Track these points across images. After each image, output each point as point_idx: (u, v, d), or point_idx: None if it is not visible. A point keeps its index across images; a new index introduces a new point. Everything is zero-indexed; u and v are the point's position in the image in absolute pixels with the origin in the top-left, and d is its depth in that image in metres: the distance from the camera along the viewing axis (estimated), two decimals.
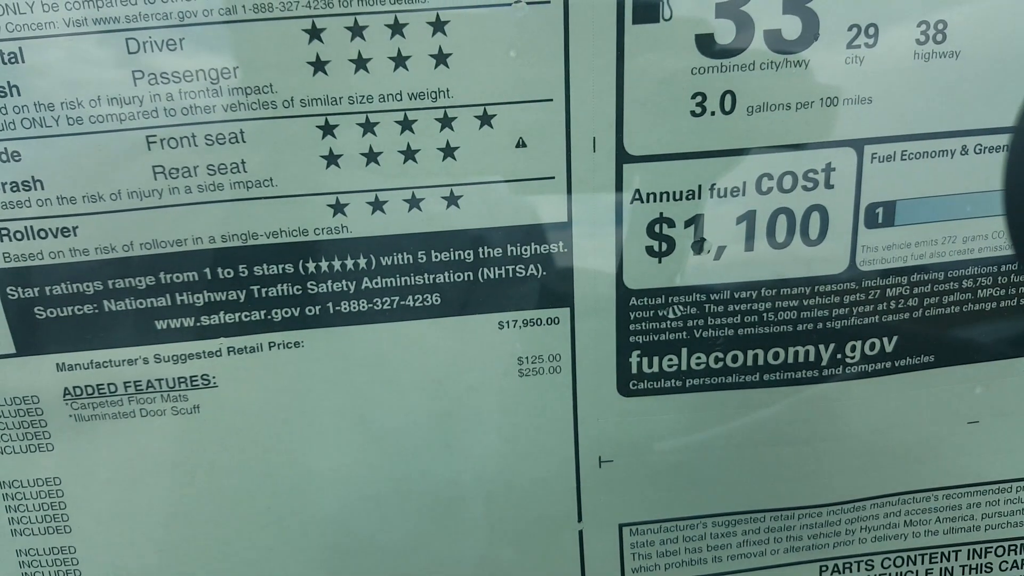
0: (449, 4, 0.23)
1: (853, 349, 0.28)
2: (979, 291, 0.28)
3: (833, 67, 0.25)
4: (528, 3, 0.23)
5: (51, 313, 0.25)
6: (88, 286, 0.25)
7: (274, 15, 0.23)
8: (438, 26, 0.23)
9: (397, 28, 0.23)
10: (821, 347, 0.28)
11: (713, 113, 0.25)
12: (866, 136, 0.26)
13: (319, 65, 0.23)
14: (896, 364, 0.29)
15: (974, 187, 0.27)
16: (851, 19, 0.25)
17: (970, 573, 0.32)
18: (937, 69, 0.25)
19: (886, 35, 0.25)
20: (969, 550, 0.32)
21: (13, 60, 0.23)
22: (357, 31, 0.23)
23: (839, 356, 0.28)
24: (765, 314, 0.27)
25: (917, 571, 0.32)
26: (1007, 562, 0.32)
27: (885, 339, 0.28)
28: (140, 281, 0.25)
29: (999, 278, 0.28)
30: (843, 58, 0.25)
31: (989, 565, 0.32)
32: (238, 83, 0.23)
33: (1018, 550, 0.32)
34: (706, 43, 0.24)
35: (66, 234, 0.24)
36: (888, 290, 0.28)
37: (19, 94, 0.23)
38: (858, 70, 0.25)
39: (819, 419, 0.29)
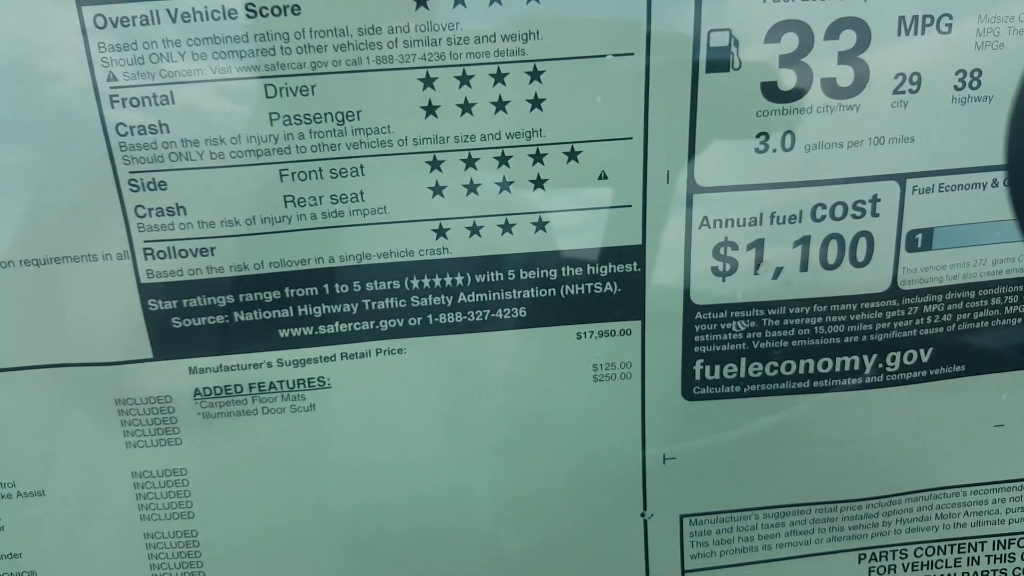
0: (546, 56, 0.27)
1: (893, 359, 0.32)
2: (1006, 308, 0.32)
3: (880, 110, 0.28)
4: (615, 55, 0.27)
5: (187, 323, 0.29)
6: (221, 299, 0.29)
7: (393, 66, 0.26)
8: (535, 75, 0.27)
9: (499, 77, 0.27)
10: (865, 357, 0.32)
11: (775, 150, 0.28)
12: (908, 171, 0.29)
13: (430, 109, 0.27)
14: (931, 373, 0.32)
15: (1003, 216, 0.30)
16: (897, 68, 0.28)
17: (994, 562, 0.36)
18: (972, 111, 0.29)
19: (928, 82, 0.28)
20: (994, 541, 0.35)
21: (165, 102, 0.26)
22: (464, 80, 0.27)
23: (880, 365, 0.32)
24: (816, 327, 0.31)
25: (946, 560, 0.35)
26: None
27: (921, 350, 0.32)
28: (267, 295, 0.29)
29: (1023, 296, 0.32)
30: (890, 102, 0.28)
31: (1012, 555, 0.36)
32: (360, 124, 0.27)
33: None
34: (770, 90, 0.28)
35: (204, 254, 0.28)
36: (925, 307, 0.31)
37: (168, 131, 0.27)
38: (902, 113, 0.29)
39: (861, 422, 0.32)
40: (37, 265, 0.28)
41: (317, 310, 0.29)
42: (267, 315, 0.29)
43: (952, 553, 0.35)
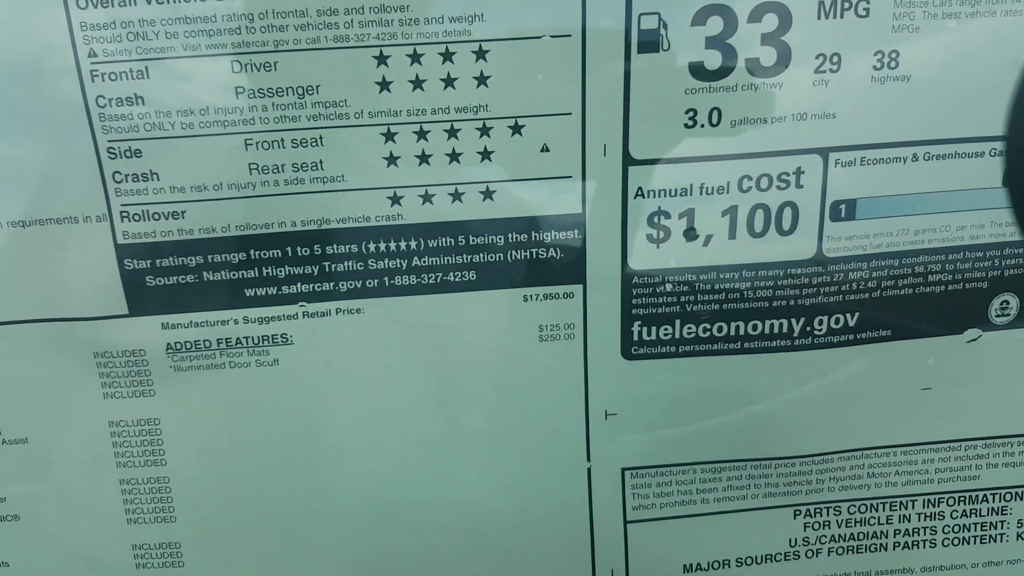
0: (490, 36, 0.29)
1: (820, 323, 0.34)
2: (929, 276, 0.34)
3: (802, 88, 0.31)
4: (552, 36, 0.29)
5: (159, 281, 0.31)
6: (191, 259, 0.31)
7: (350, 44, 0.29)
8: (480, 54, 0.29)
9: (448, 56, 0.29)
10: (793, 320, 0.34)
11: (703, 126, 0.31)
12: (831, 145, 0.32)
13: (384, 84, 0.30)
14: (858, 337, 0.34)
15: (923, 188, 0.33)
16: (818, 49, 0.30)
17: (925, 520, 0.38)
18: (890, 90, 0.31)
19: (847, 62, 0.31)
20: (924, 500, 0.38)
21: (140, 76, 0.29)
22: (416, 58, 0.29)
23: (808, 329, 0.34)
24: (745, 292, 0.33)
25: (879, 517, 0.38)
26: (957, 511, 0.38)
27: (848, 315, 0.34)
28: (233, 256, 0.31)
29: (946, 265, 0.34)
30: (811, 81, 0.31)
31: (941, 513, 0.38)
32: (319, 98, 0.30)
33: (967, 500, 0.38)
34: (697, 69, 0.30)
35: (176, 217, 0.31)
36: (850, 274, 0.33)
37: (144, 103, 0.29)
38: (824, 91, 0.31)
39: (792, 383, 0.35)
40: (23, 226, 0.30)
41: (280, 271, 0.32)
42: (234, 275, 0.31)
43: (884, 511, 0.38)
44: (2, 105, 0.29)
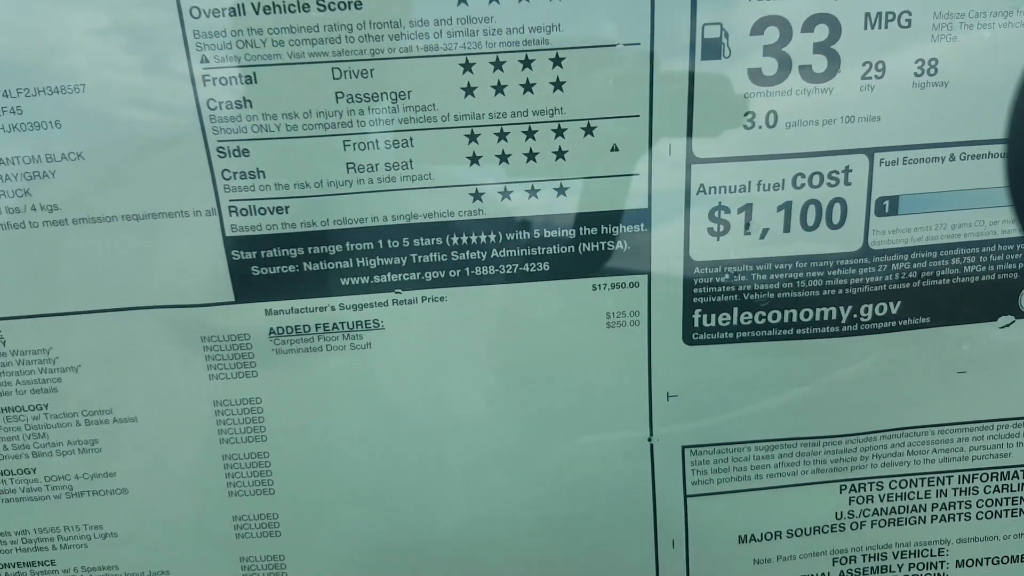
0: (566, 45, 0.32)
1: (866, 311, 0.36)
2: (965, 267, 0.36)
3: (850, 93, 0.33)
4: (624, 45, 0.32)
5: (264, 271, 0.34)
6: (293, 251, 0.34)
7: (439, 53, 0.32)
8: (557, 61, 0.32)
9: (527, 63, 0.32)
10: (840, 308, 0.36)
11: (760, 127, 0.33)
12: (876, 145, 0.34)
13: (469, 90, 0.32)
14: (899, 323, 0.37)
15: (960, 186, 0.35)
16: (864, 57, 0.33)
17: (960, 494, 0.40)
18: (930, 95, 0.34)
19: (891, 69, 0.33)
20: (959, 475, 0.40)
21: (249, 81, 0.32)
22: (498, 65, 0.32)
23: (855, 316, 0.36)
24: (797, 282, 0.36)
25: (917, 492, 0.40)
26: (989, 486, 0.40)
27: (891, 303, 0.37)
28: (331, 248, 0.34)
29: (980, 257, 0.36)
30: (858, 86, 0.33)
31: (975, 488, 0.40)
32: (410, 103, 0.32)
33: (999, 476, 0.40)
34: (755, 75, 0.33)
35: (280, 212, 0.33)
36: (893, 265, 0.36)
37: (251, 106, 0.32)
38: (870, 95, 0.33)
39: (840, 366, 0.37)
40: (137, 220, 0.33)
41: (372, 262, 0.34)
42: (331, 265, 0.34)
43: (922, 486, 0.40)
44: (121, 108, 0.32)
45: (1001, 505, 0.41)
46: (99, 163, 0.32)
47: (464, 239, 0.34)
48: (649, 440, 0.38)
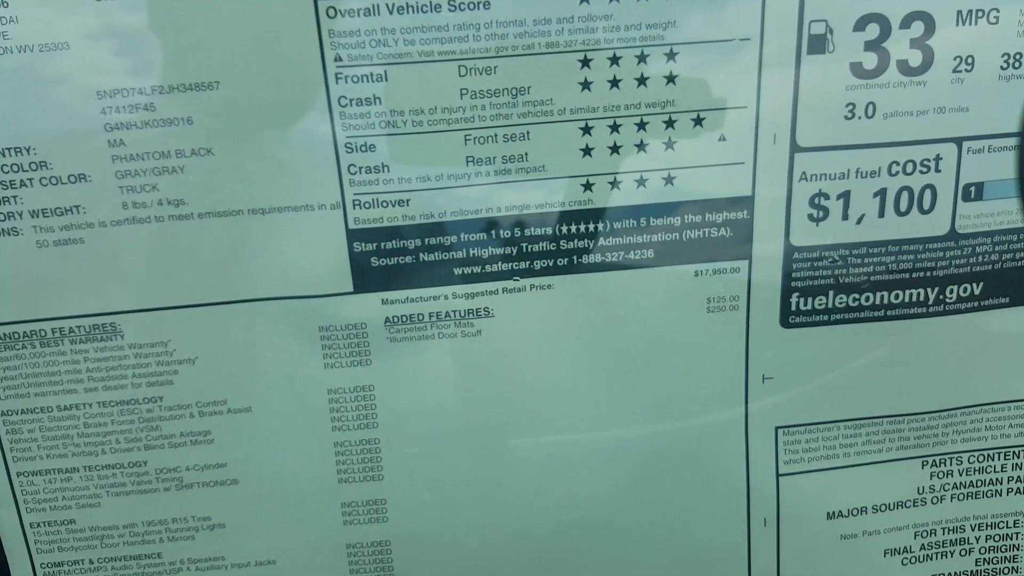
0: (680, 40, 0.35)
1: (951, 292, 0.40)
2: None
3: (942, 86, 0.37)
4: (736, 40, 0.35)
5: (383, 262, 0.37)
6: (411, 242, 0.37)
7: (559, 50, 0.35)
8: (671, 56, 0.35)
9: (642, 58, 0.35)
10: (928, 290, 0.40)
11: (860, 118, 0.37)
12: (964, 135, 0.38)
13: (586, 84, 0.35)
14: (981, 304, 0.41)
15: None
16: (956, 52, 0.37)
17: None
18: (1015, 87, 0.37)
19: (979, 63, 0.37)
20: None
21: (379, 79, 0.34)
22: (615, 60, 0.35)
23: (941, 297, 0.40)
24: (889, 265, 0.39)
25: (994, 466, 0.44)
26: None
27: (974, 284, 0.40)
28: (447, 239, 0.37)
29: None
30: (949, 80, 0.37)
31: None
32: (529, 98, 0.35)
33: None
34: (857, 69, 0.36)
35: (401, 205, 0.36)
36: (977, 247, 0.40)
37: (380, 103, 0.35)
38: (960, 88, 0.37)
39: (925, 346, 0.41)
40: (263, 213, 0.36)
41: (484, 252, 0.37)
42: (446, 256, 0.37)
43: (999, 460, 0.44)
44: (253, 105, 0.34)
45: None
46: (228, 158, 0.35)
47: (572, 228, 0.38)
48: (744, 424, 0.41)
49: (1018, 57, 0.37)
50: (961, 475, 0.44)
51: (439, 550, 0.42)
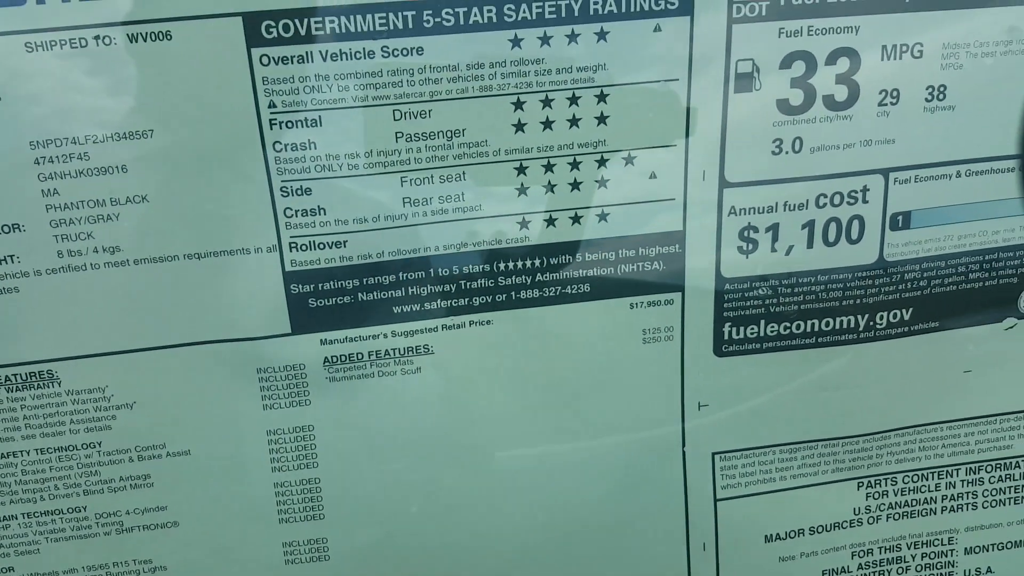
0: (613, 82, 0.37)
1: (881, 318, 0.43)
2: (970, 274, 0.43)
3: (868, 119, 0.39)
4: (664, 81, 0.37)
5: (320, 303, 0.38)
6: (349, 283, 0.38)
7: (493, 93, 0.36)
8: (601, 97, 0.37)
9: (574, 99, 0.37)
10: (859, 317, 0.43)
11: (787, 152, 0.39)
12: (891, 166, 0.40)
13: (520, 126, 0.37)
14: (911, 328, 0.43)
15: (966, 199, 0.41)
16: (881, 86, 0.39)
17: (967, 486, 0.47)
18: (939, 118, 0.40)
19: (904, 96, 0.39)
20: (966, 468, 0.47)
21: (314, 124, 0.36)
22: (547, 102, 0.37)
23: (871, 323, 0.43)
24: (819, 294, 0.42)
25: (928, 485, 0.47)
26: (994, 476, 0.47)
27: (904, 310, 0.43)
28: (385, 279, 0.38)
29: (984, 264, 0.43)
30: (875, 113, 0.39)
31: (981, 479, 0.47)
32: (464, 140, 0.37)
33: (1002, 467, 0.47)
34: (783, 105, 0.38)
35: (338, 246, 0.38)
36: (906, 275, 0.42)
37: (316, 148, 0.36)
38: (885, 120, 0.39)
39: (858, 371, 0.43)
40: (198, 258, 0.37)
41: (423, 290, 0.39)
42: (384, 295, 0.39)
43: (933, 479, 0.47)
44: (188, 152, 0.36)
45: (1005, 494, 0.48)
46: (163, 205, 0.36)
47: (510, 265, 0.40)
48: (683, 449, 0.44)
49: (942, 89, 0.40)
50: (896, 495, 0.47)
51: None
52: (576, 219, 0.39)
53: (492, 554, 0.43)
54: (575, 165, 0.38)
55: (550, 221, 0.39)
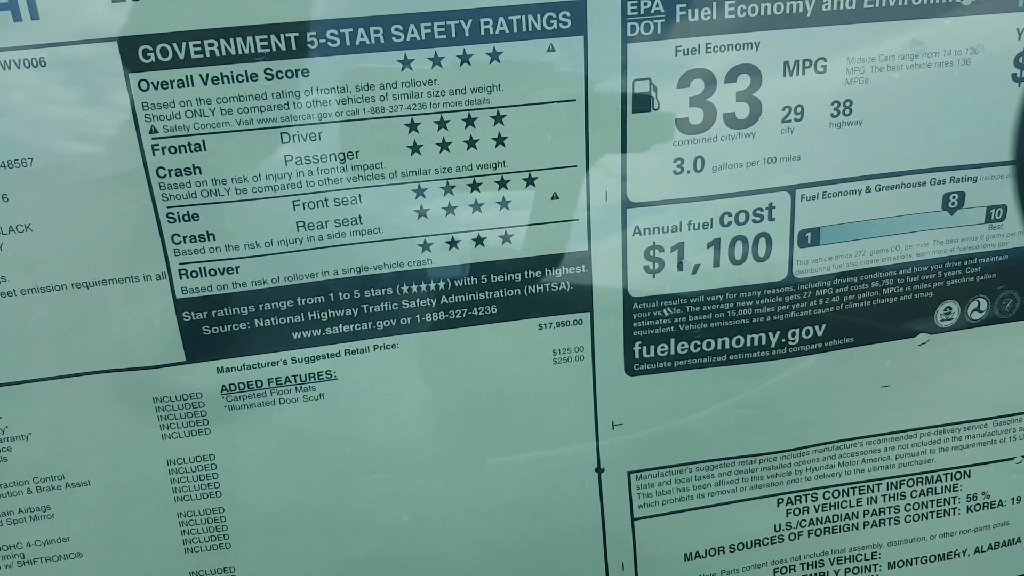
0: (509, 103, 0.36)
1: (793, 334, 0.42)
2: (883, 289, 0.42)
3: (772, 136, 0.38)
4: (561, 102, 0.36)
5: (215, 330, 0.37)
6: (244, 309, 0.37)
7: (386, 115, 0.35)
8: (498, 118, 0.36)
9: (470, 121, 0.36)
10: (770, 334, 0.42)
11: (689, 172, 0.38)
12: (797, 183, 0.39)
13: (415, 148, 0.36)
14: (825, 345, 0.43)
15: (875, 215, 0.41)
16: (784, 102, 0.38)
17: (888, 500, 0.46)
18: (846, 134, 0.39)
19: (809, 112, 0.38)
20: (887, 483, 0.46)
21: (198, 149, 0.35)
22: (442, 124, 0.36)
23: (783, 340, 0.42)
24: (729, 312, 0.41)
25: (849, 500, 0.46)
26: (916, 491, 0.46)
27: (816, 326, 0.42)
28: (283, 304, 0.37)
29: (897, 279, 0.42)
30: (779, 129, 0.38)
31: (903, 493, 0.46)
32: (358, 162, 0.36)
33: (923, 481, 0.46)
34: (683, 124, 0.37)
35: (230, 272, 0.36)
36: (817, 291, 0.41)
37: (201, 173, 0.35)
38: (790, 137, 0.39)
39: (772, 387, 0.43)
40: (87, 287, 0.36)
41: (324, 315, 0.38)
42: (283, 321, 0.38)
43: (854, 495, 0.46)
44: (70, 179, 0.34)
45: (927, 508, 0.47)
46: (47, 234, 0.35)
47: (414, 287, 0.38)
48: (597, 469, 0.43)
49: (848, 104, 0.39)
50: (817, 511, 0.46)
51: None
52: (479, 241, 0.38)
53: None
54: (475, 187, 0.37)
55: (452, 243, 0.38)
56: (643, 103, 0.37)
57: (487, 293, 0.39)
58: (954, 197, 0.41)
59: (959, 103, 0.40)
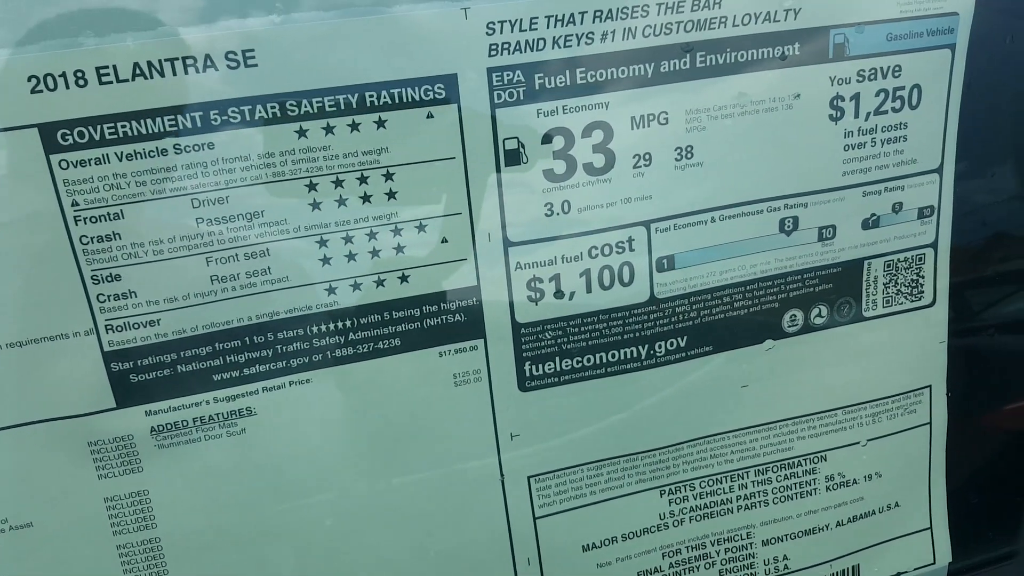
0: (396, 162, 0.38)
1: (660, 347, 0.44)
2: (735, 303, 0.45)
3: (626, 180, 0.41)
4: (442, 160, 0.38)
5: (141, 378, 0.38)
6: (167, 357, 0.38)
7: (287, 177, 0.37)
8: (389, 176, 0.38)
9: (363, 179, 0.38)
10: (640, 347, 0.44)
11: (558, 214, 0.40)
12: (651, 218, 0.42)
13: (316, 205, 0.37)
14: (688, 354, 0.45)
15: (721, 240, 0.44)
16: (635, 151, 0.41)
17: (757, 486, 0.49)
18: (689, 174, 0.42)
19: (656, 158, 0.41)
20: (755, 470, 0.48)
21: (116, 217, 0.35)
22: (339, 183, 0.37)
23: (652, 352, 0.44)
24: (603, 331, 0.43)
25: (723, 488, 0.48)
26: (780, 475, 0.49)
27: (679, 339, 0.45)
28: (202, 350, 0.38)
29: (746, 293, 0.45)
30: (632, 174, 0.41)
31: (769, 479, 0.49)
32: (264, 220, 0.37)
33: (786, 467, 0.49)
34: (550, 174, 0.40)
35: (152, 325, 0.37)
36: (677, 308, 0.44)
37: (120, 238, 0.36)
38: (642, 180, 0.41)
39: (646, 394, 0.45)
40: (20, 346, 0.36)
41: (241, 357, 0.39)
42: (203, 365, 0.38)
43: (726, 482, 0.48)
44: (0, 251, 0.35)
45: (792, 490, 0.49)
46: None
47: (323, 327, 0.40)
48: (500, 478, 0.44)
49: (689, 149, 0.42)
50: (695, 499, 0.48)
51: None
52: (380, 283, 0.40)
53: None
54: (372, 235, 0.39)
55: (356, 286, 0.39)
56: (513, 158, 0.39)
57: (390, 328, 0.40)
58: (789, 221, 0.45)
59: (786, 141, 0.43)
